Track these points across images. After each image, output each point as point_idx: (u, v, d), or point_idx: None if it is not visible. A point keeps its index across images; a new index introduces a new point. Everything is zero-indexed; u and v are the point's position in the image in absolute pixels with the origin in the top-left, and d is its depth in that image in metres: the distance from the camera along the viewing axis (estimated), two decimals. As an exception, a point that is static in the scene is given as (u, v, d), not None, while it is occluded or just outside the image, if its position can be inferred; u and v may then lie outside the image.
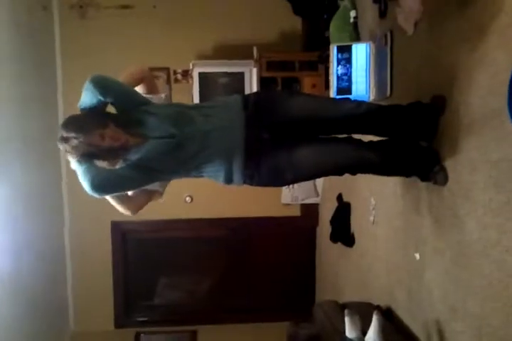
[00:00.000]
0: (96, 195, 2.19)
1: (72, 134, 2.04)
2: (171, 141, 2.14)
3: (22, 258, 4.03)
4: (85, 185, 2.16)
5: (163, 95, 2.48)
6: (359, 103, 2.34)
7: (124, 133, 2.12)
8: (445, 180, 2.27)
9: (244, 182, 2.27)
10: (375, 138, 2.43)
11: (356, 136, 2.41)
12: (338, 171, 2.39)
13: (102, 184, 2.15)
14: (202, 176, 2.32)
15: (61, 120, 4.92)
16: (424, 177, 2.39)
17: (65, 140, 2.06)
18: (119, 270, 5.35)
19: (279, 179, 2.30)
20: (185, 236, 5.48)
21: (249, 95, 2.38)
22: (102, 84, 2.15)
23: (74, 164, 2.17)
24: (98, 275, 5.27)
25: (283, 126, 2.26)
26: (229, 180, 2.26)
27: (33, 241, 4.24)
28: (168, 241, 5.48)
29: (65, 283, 5.21)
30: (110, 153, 2.11)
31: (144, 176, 2.21)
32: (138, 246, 5.47)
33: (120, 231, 5.31)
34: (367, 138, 2.41)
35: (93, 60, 4.97)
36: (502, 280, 1.85)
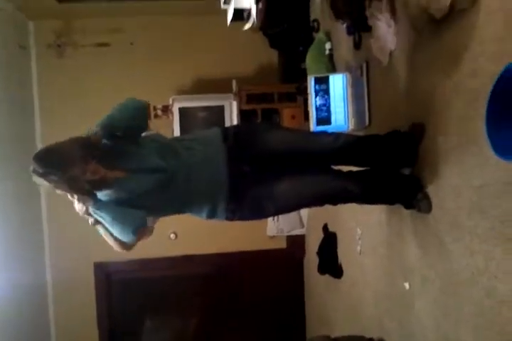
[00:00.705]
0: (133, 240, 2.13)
1: (51, 169, 1.97)
2: (158, 175, 2.12)
3: (4, 304, 3.92)
4: (123, 235, 2.10)
5: (154, 131, 2.46)
6: (337, 136, 2.35)
7: (105, 168, 2.08)
8: (429, 208, 2.26)
9: (227, 218, 2.24)
10: (355, 168, 2.44)
11: (337, 166, 2.42)
12: (319, 202, 2.40)
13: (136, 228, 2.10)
14: (185, 212, 2.29)
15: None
16: (408, 205, 2.38)
17: (42, 175, 1.97)
18: (102, 311, 5.22)
19: (261, 212, 2.28)
20: (171, 275, 5.37)
21: (228, 127, 2.39)
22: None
23: (90, 220, 2.17)
24: (81, 318, 5.14)
25: (263, 159, 2.26)
26: (212, 215, 2.23)
27: (14, 287, 4.12)
28: (154, 280, 5.37)
29: (48, 326, 5.07)
30: (90, 186, 2.05)
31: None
32: (122, 287, 5.34)
33: (104, 273, 5.21)
34: (347, 167, 2.41)
35: (72, 99, 4.99)
36: (493, 307, 1.83)
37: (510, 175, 1.61)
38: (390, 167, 2.39)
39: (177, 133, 4.60)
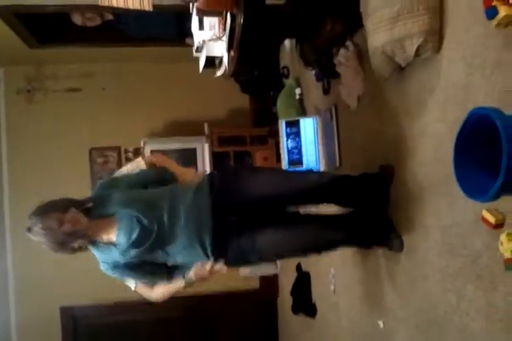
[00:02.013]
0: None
1: (33, 220, 2.02)
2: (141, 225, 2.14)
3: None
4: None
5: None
6: (321, 173, 2.41)
7: (88, 219, 2.12)
8: (400, 247, 2.32)
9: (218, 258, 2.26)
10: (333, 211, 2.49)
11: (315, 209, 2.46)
12: (303, 253, 2.44)
13: None
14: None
15: (6, 203, 4.85)
16: (380, 243, 2.44)
17: (29, 229, 2.04)
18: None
19: (244, 262, 2.32)
20: (140, 319, 5.22)
21: (213, 178, 2.35)
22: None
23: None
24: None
25: (249, 206, 2.27)
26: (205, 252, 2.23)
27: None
28: (123, 324, 5.22)
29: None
30: (74, 237, 2.08)
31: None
32: (90, 331, 5.19)
33: (70, 317, 5.07)
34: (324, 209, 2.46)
35: (42, 144, 4.97)
36: (467, 345, 1.87)
37: (478, 214, 1.68)
38: (363, 207, 2.45)
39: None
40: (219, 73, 3.24)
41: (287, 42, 3.92)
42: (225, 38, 2.87)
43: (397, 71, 2.23)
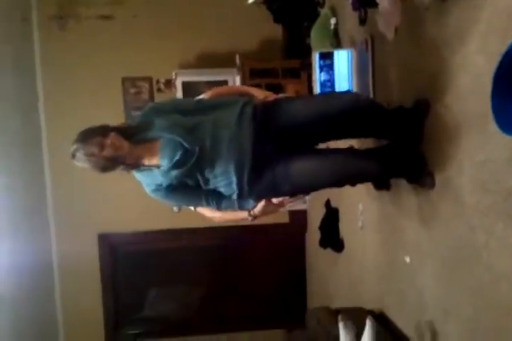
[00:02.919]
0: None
1: (75, 146, 2.06)
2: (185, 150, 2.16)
3: (9, 276, 3.97)
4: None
5: None
6: (358, 96, 2.42)
7: (131, 144, 2.15)
8: (432, 184, 2.28)
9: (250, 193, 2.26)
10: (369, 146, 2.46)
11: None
12: (337, 183, 2.38)
13: None
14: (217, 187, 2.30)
15: (44, 130, 4.95)
16: (412, 180, 2.41)
17: (73, 156, 2.09)
18: (108, 283, 5.30)
19: (276, 191, 2.28)
20: (174, 247, 5.43)
21: (256, 107, 2.31)
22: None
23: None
24: (87, 289, 5.21)
25: (286, 134, 2.25)
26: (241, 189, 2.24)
27: (19, 259, 4.17)
28: (158, 252, 5.44)
29: (53, 300, 5.14)
30: (115, 162, 2.13)
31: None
32: (126, 258, 5.41)
33: (108, 244, 5.26)
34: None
35: (75, 72, 4.96)
36: (492, 282, 1.86)
37: (513, 152, 1.62)
38: (396, 141, 2.41)
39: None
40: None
41: (324, -31, 3.73)
42: (258, -37, 2.74)
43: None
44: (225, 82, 4.65)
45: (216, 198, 2.31)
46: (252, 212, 2.35)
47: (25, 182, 4.55)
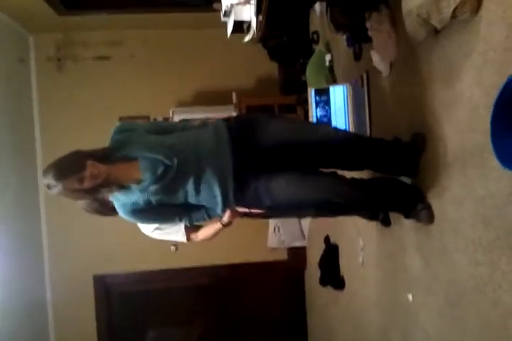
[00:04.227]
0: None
1: (52, 182, 2.02)
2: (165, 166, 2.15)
3: (3, 318, 3.88)
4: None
5: None
6: (337, 129, 2.37)
7: (107, 165, 2.12)
8: (429, 218, 2.25)
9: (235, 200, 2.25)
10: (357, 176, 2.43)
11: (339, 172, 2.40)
12: (316, 204, 2.30)
13: None
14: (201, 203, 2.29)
15: (40, 169, 4.93)
16: (407, 215, 2.37)
17: (48, 187, 2.04)
18: (103, 325, 5.18)
19: (258, 203, 2.26)
20: (171, 287, 5.33)
21: (229, 120, 2.36)
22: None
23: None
24: (82, 331, 5.08)
25: (264, 152, 2.24)
26: (225, 195, 2.22)
27: (13, 298, 4.09)
28: (154, 292, 5.32)
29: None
30: (97, 190, 2.11)
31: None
32: (122, 299, 5.30)
33: (103, 285, 5.17)
34: (349, 175, 2.40)
35: (72, 112, 4.99)
36: (499, 318, 1.81)
37: (514, 185, 1.60)
38: (391, 174, 2.39)
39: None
40: (247, 38, 3.16)
41: (317, 6, 3.79)
42: (253, 2, 2.78)
43: (431, 34, 2.12)
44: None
45: (187, 214, 2.31)
46: (222, 221, 2.38)
47: (20, 225, 4.50)
